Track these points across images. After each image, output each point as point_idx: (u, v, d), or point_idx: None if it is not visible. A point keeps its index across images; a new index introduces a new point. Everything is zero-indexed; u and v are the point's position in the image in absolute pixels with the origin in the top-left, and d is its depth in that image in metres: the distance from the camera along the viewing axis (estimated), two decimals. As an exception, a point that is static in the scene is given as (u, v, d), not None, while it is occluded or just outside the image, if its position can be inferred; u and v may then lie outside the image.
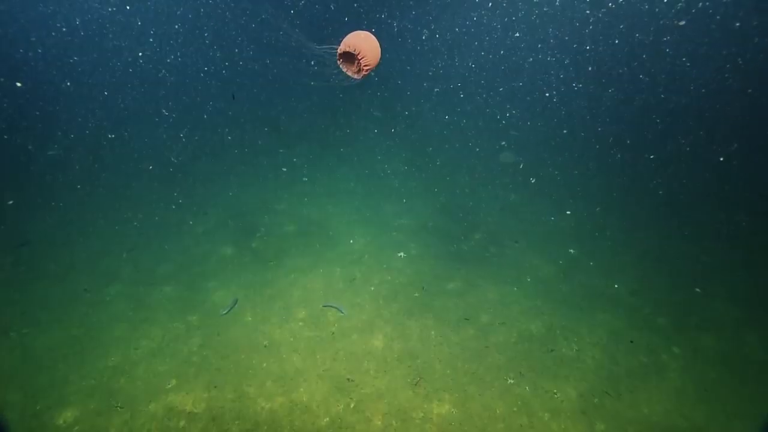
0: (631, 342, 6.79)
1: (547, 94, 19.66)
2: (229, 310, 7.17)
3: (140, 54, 19.47)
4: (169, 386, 5.71)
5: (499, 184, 13.09)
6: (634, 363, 6.39)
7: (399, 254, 8.88)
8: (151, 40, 20.35)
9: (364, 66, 3.72)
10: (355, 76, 3.86)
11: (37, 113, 15.62)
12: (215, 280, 7.96)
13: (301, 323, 6.98)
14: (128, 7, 19.09)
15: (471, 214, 10.94)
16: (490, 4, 19.79)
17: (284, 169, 12.56)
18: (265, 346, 6.48)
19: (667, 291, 8.15)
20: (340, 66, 3.89)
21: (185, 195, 11.49)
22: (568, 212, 11.21)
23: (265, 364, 6.16)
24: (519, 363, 6.39)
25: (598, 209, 11.63)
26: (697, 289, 8.00)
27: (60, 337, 6.43)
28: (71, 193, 11.36)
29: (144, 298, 7.38)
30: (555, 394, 5.85)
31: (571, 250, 9.40)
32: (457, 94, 20.42)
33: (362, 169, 13.82)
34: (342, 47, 3.73)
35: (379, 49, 3.85)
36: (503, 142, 16.14)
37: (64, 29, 18.13)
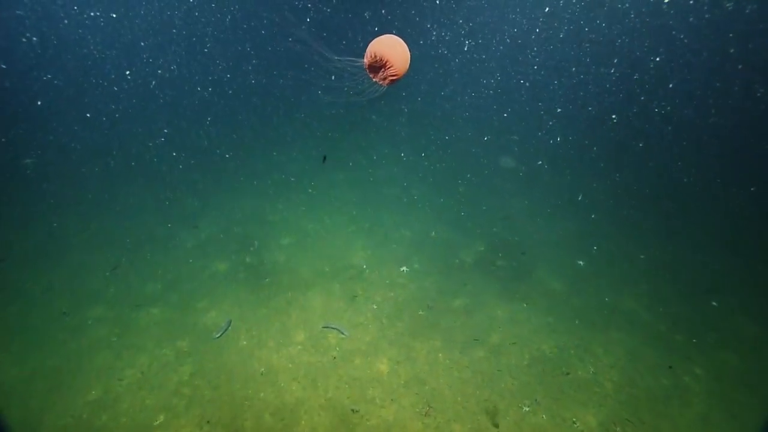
0: (654, 365, 6.45)
1: (557, 106, 19.47)
2: (222, 334, 6.67)
3: (126, 63, 18.77)
4: (157, 423, 5.19)
5: (502, 192, 12.76)
6: (655, 386, 6.05)
7: (401, 269, 8.45)
8: (142, 45, 19.70)
9: (391, 75, 3.31)
10: (381, 83, 3.44)
11: (17, 120, 14.80)
12: (207, 299, 7.44)
13: (299, 347, 6.51)
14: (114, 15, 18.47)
15: (473, 224, 10.57)
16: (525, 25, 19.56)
17: (292, 179, 11.99)
18: (262, 374, 6.00)
19: (682, 305, 7.85)
20: (366, 71, 3.47)
21: (174, 206, 10.91)
22: (575, 225, 10.91)
23: (262, 394, 5.68)
24: (533, 388, 6.01)
25: (594, 217, 11.36)
26: (714, 303, 7.71)
27: (34, 367, 5.85)
28: (50, 206, 10.64)
29: (129, 322, 6.83)
30: (574, 422, 5.47)
31: (580, 262, 9.07)
32: (455, 98, 20.13)
33: (359, 176, 13.37)
34: (369, 55, 3.32)
35: (408, 55, 3.44)
36: (506, 150, 15.88)
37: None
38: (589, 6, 16.78)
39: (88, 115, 15.92)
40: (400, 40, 3.40)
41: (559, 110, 18.86)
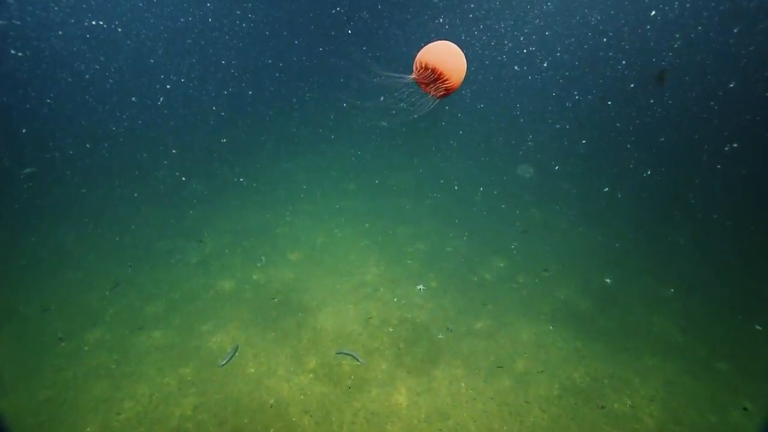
0: (697, 397, 5.91)
1: (568, 104, 18.99)
2: (229, 360, 6.21)
3: (124, 68, 18.16)
4: (157, 465, 4.73)
5: (520, 201, 12.24)
6: (701, 424, 5.52)
7: (418, 287, 7.97)
8: (145, 51, 19.16)
9: (445, 88, 2.85)
10: (434, 95, 2.97)
11: (17, 130, 14.26)
12: (212, 320, 6.98)
13: (311, 375, 6.04)
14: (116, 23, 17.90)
15: (492, 238, 10.07)
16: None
17: (304, 186, 11.43)
18: (272, 406, 5.53)
19: (721, 328, 7.32)
20: (414, 79, 3.00)
21: (177, 219, 10.47)
22: (599, 237, 10.38)
23: (272, 430, 5.21)
24: (566, 424, 5.50)
25: (620, 231, 10.83)
26: (758, 327, 7.17)
27: (25, 401, 5.40)
28: (46, 220, 10.16)
29: (129, 346, 6.38)
30: (615, 465, 4.96)
31: (608, 280, 8.55)
32: (475, 105, 19.62)
33: (371, 187, 12.89)
34: (418, 66, 2.85)
35: (464, 64, 2.97)
36: (521, 153, 15.35)
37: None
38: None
39: (83, 124, 15.37)
40: (455, 46, 2.93)
41: (577, 118, 18.35)
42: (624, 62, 17.64)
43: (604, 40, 18.03)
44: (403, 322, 7.13)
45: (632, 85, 17.56)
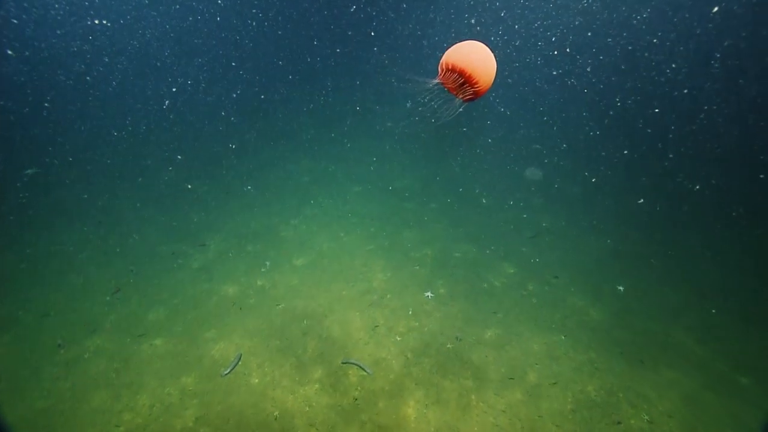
0: (719, 414, 5.67)
1: (584, 113, 18.43)
2: (232, 370, 6.03)
3: (128, 68, 17.54)
4: (157, 481, 4.55)
5: (528, 206, 12.01)
6: (724, 442, 5.28)
7: (426, 294, 7.77)
8: (157, 64, 18.58)
9: (473, 90, 2.66)
10: (460, 98, 2.77)
11: (14, 137, 13.81)
12: (215, 328, 6.81)
13: (317, 386, 5.84)
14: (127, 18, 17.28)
15: (501, 243, 9.84)
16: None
17: (310, 190, 11.07)
18: (276, 419, 5.34)
19: (741, 339, 7.07)
20: (439, 83, 2.80)
21: (179, 222, 10.32)
22: (608, 241, 10.14)
23: (275, 445, 5.02)
24: (582, 440, 5.28)
25: (632, 236, 10.58)
26: (779, 340, 6.92)
27: (20, 412, 5.23)
28: (46, 224, 9.98)
29: (130, 355, 6.21)
30: (634, 486, 4.74)
31: (620, 287, 8.32)
32: (482, 108, 19.09)
33: (377, 189, 12.69)
34: (444, 68, 2.65)
35: (494, 65, 2.76)
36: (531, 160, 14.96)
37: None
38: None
39: (83, 129, 14.82)
40: (484, 46, 2.72)
41: (590, 123, 17.86)
42: (674, 65, 16.44)
43: (654, 41, 16.52)
44: (410, 330, 6.93)
45: (684, 91, 16.14)
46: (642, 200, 9.80)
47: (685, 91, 16.14)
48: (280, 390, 5.76)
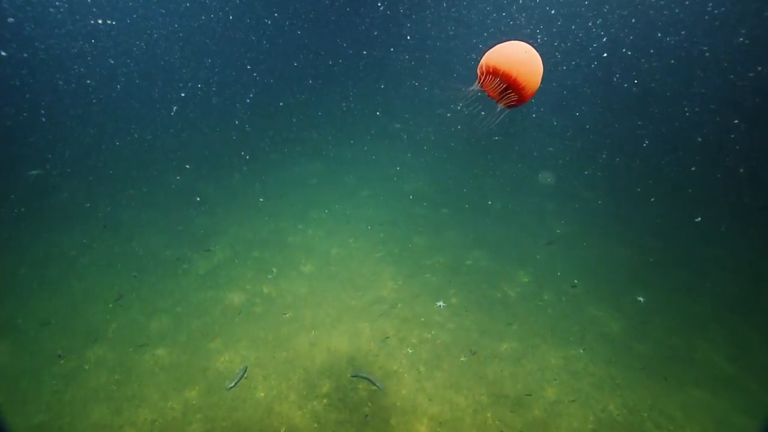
0: None
1: (600, 113, 17.81)
2: (237, 383, 5.78)
3: (136, 67, 16.95)
4: (158, 504, 4.31)
5: (542, 211, 11.68)
6: (760, 468, 4.95)
7: (438, 303, 7.49)
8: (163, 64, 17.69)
9: (517, 95, 2.39)
10: (502, 105, 2.51)
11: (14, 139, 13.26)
12: (219, 338, 6.57)
13: (325, 401, 5.58)
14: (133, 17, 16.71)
15: (514, 250, 9.54)
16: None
17: (326, 211, 10.54)
18: (283, 436, 5.09)
19: (770, 357, 6.72)
20: (478, 87, 2.54)
21: (185, 225, 10.10)
22: (627, 249, 9.80)
23: (282, 465, 4.77)
24: (607, 463, 4.98)
25: (652, 244, 10.23)
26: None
27: (18, 424, 5.02)
28: (46, 229, 9.73)
29: (132, 366, 5.98)
30: None
31: (640, 298, 7.99)
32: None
33: (386, 193, 12.40)
34: (483, 72, 2.39)
35: (541, 67, 2.49)
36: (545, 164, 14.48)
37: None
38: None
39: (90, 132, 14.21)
40: (528, 46, 2.45)
41: (615, 126, 17.25)
42: (738, 68, 14.99)
43: (741, 40, 14.92)
44: (423, 342, 6.66)
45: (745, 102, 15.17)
46: (699, 218, 9.18)
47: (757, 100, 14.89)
48: (287, 405, 5.51)
